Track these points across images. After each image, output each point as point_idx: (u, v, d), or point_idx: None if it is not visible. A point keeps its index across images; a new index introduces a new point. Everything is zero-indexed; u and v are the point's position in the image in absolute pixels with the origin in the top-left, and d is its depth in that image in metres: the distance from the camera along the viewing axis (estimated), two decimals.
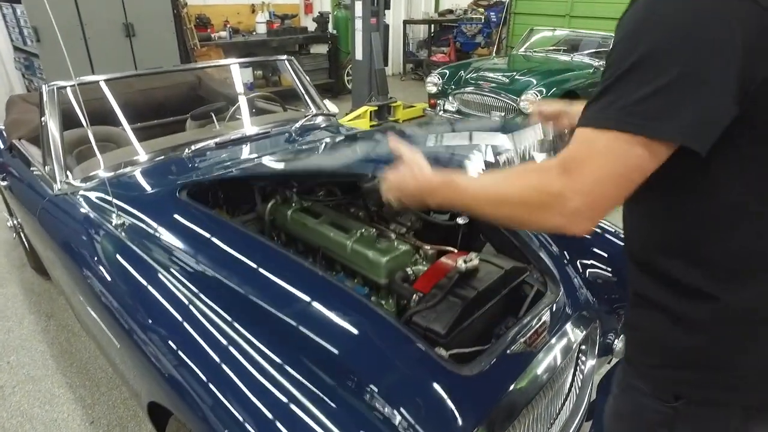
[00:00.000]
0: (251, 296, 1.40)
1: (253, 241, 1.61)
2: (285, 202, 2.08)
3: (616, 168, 0.75)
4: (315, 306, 1.39)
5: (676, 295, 0.89)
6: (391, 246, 1.75)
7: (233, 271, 1.48)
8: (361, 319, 1.39)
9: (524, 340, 1.45)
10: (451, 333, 1.40)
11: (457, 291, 1.49)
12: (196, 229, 1.68)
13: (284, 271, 1.49)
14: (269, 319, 1.34)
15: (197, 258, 1.53)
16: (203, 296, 1.40)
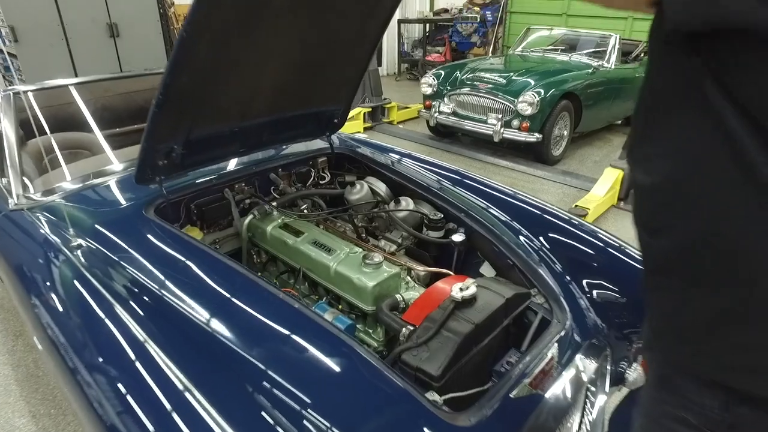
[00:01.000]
0: (217, 334, 1.22)
1: (223, 268, 1.43)
2: (264, 217, 1.90)
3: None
4: (287, 346, 1.22)
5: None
6: (379, 268, 1.57)
7: (198, 305, 1.30)
8: (341, 359, 1.21)
9: (529, 381, 1.28)
10: (445, 374, 1.23)
11: (453, 324, 1.31)
12: (160, 254, 1.50)
13: (256, 304, 1.31)
14: (234, 362, 1.16)
15: (159, 289, 1.35)
16: (161, 335, 1.23)
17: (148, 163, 1.60)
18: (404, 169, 2.19)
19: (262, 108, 1.80)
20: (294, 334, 1.24)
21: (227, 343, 1.19)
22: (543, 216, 2.05)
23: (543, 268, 1.71)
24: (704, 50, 0.63)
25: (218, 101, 1.62)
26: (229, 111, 1.70)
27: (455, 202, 1.94)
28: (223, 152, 1.87)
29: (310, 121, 2.13)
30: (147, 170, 1.62)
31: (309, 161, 2.25)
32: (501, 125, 5.35)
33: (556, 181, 5.20)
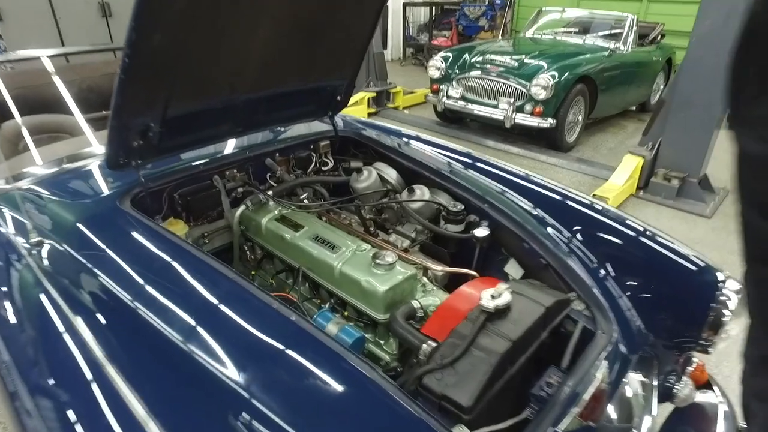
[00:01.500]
0: (195, 354, 0.99)
1: (208, 272, 1.19)
2: (259, 207, 1.66)
3: None
4: (281, 370, 0.99)
5: None
6: (392, 269, 1.33)
7: (175, 318, 1.06)
8: (347, 386, 0.98)
9: (579, 412, 1.04)
10: (478, 404, 0.99)
11: (485, 341, 1.08)
12: (134, 254, 1.26)
13: (245, 316, 1.08)
14: (215, 389, 0.93)
15: (129, 298, 1.12)
16: (126, 354, 1.00)
17: (121, 144, 1.36)
18: (417, 154, 1.95)
19: (254, 80, 1.55)
20: (290, 354, 1.01)
21: (207, 364, 0.96)
22: (566, 203, 1.81)
23: (580, 268, 1.48)
24: None
25: (200, 69, 1.37)
26: (215, 81, 1.45)
27: (477, 191, 1.69)
28: (210, 133, 1.62)
29: (310, 98, 1.87)
30: (119, 153, 1.37)
31: (310, 145, 2.00)
32: (513, 110, 5.08)
33: (571, 168, 4.94)
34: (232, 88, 1.52)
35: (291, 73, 1.68)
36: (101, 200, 1.48)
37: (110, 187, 1.54)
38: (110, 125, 1.27)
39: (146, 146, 1.40)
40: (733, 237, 2.85)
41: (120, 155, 1.37)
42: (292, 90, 1.75)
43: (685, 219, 3.97)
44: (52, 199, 1.52)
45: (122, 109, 1.25)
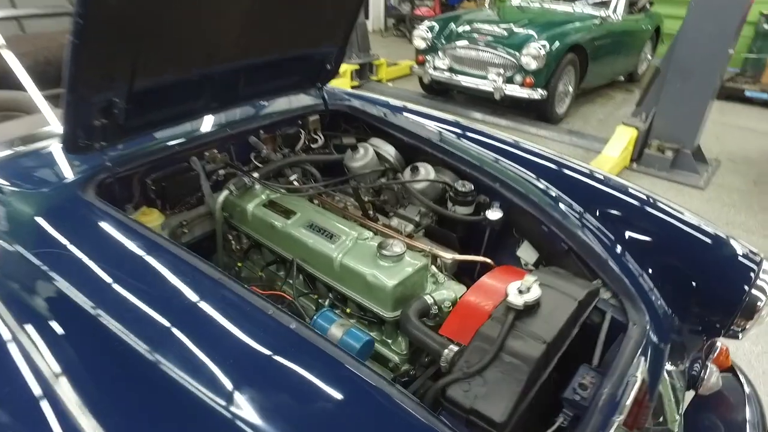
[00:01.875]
0: (171, 371, 0.82)
1: (187, 271, 1.01)
2: (244, 192, 1.48)
3: None
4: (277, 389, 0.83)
5: None
6: (400, 261, 1.18)
7: (146, 328, 0.90)
8: (359, 406, 0.83)
9: (622, 420, 0.92)
10: (512, 419, 0.86)
11: (516, 344, 0.93)
12: (99, 253, 1.08)
13: (234, 322, 0.91)
14: (199, 414, 0.77)
15: (92, 305, 0.94)
16: (85, 369, 0.85)
17: (80, 124, 1.16)
18: (416, 128, 1.77)
19: (234, 47, 1.35)
20: (288, 368, 0.85)
21: (187, 383, 0.80)
22: (571, 175, 1.67)
23: (602, 250, 1.34)
24: None
25: (172, 33, 1.16)
26: (190, 49, 1.25)
27: (486, 168, 1.53)
28: (185, 109, 1.42)
29: (296, 67, 1.67)
30: (79, 133, 1.17)
31: (298, 120, 1.80)
32: (502, 81, 4.91)
33: (562, 141, 4.82)
34: (210, 57, 1.31)
35: (276, 39, 1.48)
36: (60, 189, 1.28)
37: (72, 173, 1.33)
38: (66, 101, 1.07)
39: (111, 125, 1.20)
40: (728, 209, 2.81)
41: (80, 136, 1.16)
42: (277, 59, 1.55)
43: (680, 191, 3.90)
44: (1, 188, 1.31)
45: (78, 82, 1.05)
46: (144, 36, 1.10)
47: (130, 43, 1.09)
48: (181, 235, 1.51)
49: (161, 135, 1.46)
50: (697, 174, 4.02)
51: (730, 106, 6.02)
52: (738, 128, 5.36)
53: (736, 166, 4.38)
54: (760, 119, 5.71)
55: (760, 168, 4.35)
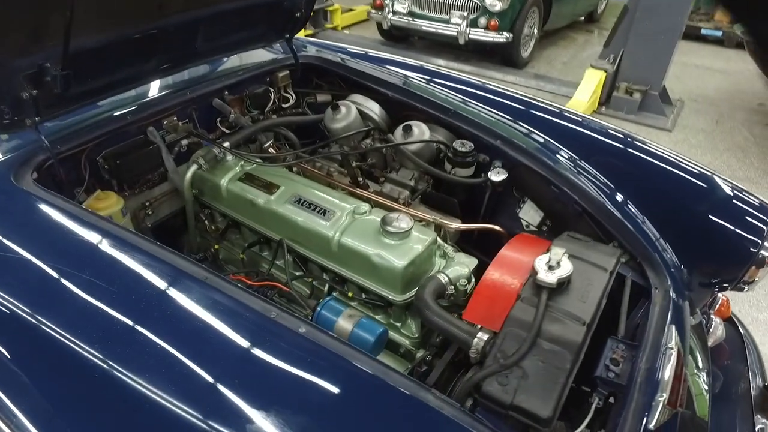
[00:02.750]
0: (135, 382, 0.68)
1: (161, 267, 0.84)
2: (215, 164, 1.29)
3: None
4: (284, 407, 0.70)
5: None
6: (407, 237, 1.04)
7: (93, 327, 0.74)
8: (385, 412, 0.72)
9: (666, 400, 0.85)
10: (558, 412, 0.77)
11: (554, 329, 0.84)
12: (45, 249, 0.88)
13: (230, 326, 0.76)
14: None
15: (36, 315, 0.77)
16: (35, 386, 0.69)
17: (3, 97, 0.93)
18: (400, 81, 1.59)
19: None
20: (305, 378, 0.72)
21: (184, 412, 0.66)
22: (550, 119, 1.56)
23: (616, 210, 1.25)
24: None
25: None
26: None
27: (485, 124, 1.39)
28: (135, 71, 1.19)
29: (262, 16, 1.45)
30: (3, 109, 0.95)
31: (265, 77, 1.59)
32: (466, 24, 4.68)
33: (529, 86, 4.71)
34: (161, 7, 1.08)
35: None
36: None
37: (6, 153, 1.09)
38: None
39: (44, 96, 0.98)
40: (695, 150, 2.76)
41: (5, 112, 0.94)
42: (240, 6, 1.32)
43: (649, 134, 3.90)
44: None
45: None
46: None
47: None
48: (145, 218, 1.32)
49: (108, 103, 1.23)
50: (664, 116, 4.03)
51: (686, 44, 6.04)
52: (695, 67, 5.41)
53: (698, 105, 4.42)
54: (714, 57, 5.77)
55: (720, 107, 4.41)
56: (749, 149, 3.70)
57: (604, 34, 5.19)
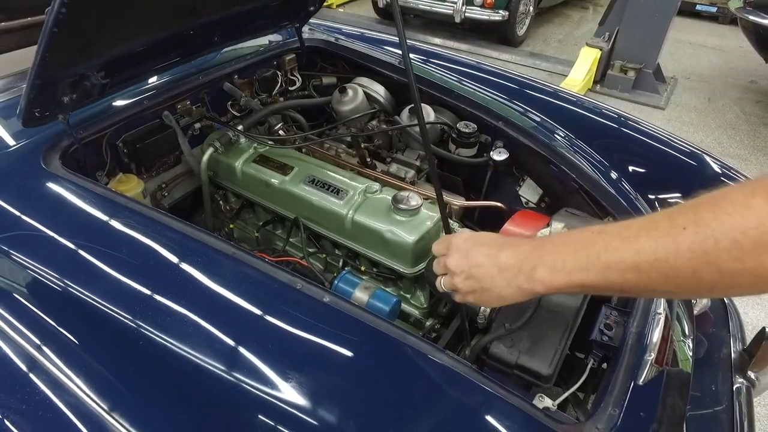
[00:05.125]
0: (166, 342, 0.76)
1: (174, 238, 0.91)
2: (229, 147, 1.34)
3: None
4: (312, 366, 0.77)
5: None
6: (417, 214, 1.11)
7: (136, 301, 0.81)
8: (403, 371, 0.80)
9: (653, 358, 0.94)
10: (557, 370, 0.86)
11: (554, 296, 0.92)
12: (75, 225, 0.95)
13: (260, 299, 0.83)
14: (201, 389, 0.73)
15: (70, 278, 0.84)
16: (73, 340, 0.78)
17: (43, 103, 1.00)
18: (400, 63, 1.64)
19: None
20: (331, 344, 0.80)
21: (188, 357, 0.74)
22: (546, 98, 1.62)
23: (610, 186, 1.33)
24: None
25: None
26: (176, 6, 1.09)
27: (487, 106, 1.45)
28: (159, 63, 1.25)
29: (278, 8, 1.48)
30: (43, 111, 1.01)
31: (273, 61, 1.63)
32: (462, 2, 4.68)
33: (525, 64, 4.74)
34: (193, 13, 1.14)
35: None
36: (16, 161, 1.10)
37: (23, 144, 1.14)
38: (31, 84, 0.91)
39: (80, 97, 1.05)
40: (687, 128, 2.87)
41: (43, 112, 1.01)
42: (260, 3, 1.37)
43: (642, 112, 3.97)
44: None
45: (50, 63, 0.90)
46: (127, 6, 0.94)
47: (111, 18, 0.94)
48: (161, 199, 1.38)
49: (126, 90, 1.28)
50: (658, 94, 4.09)
51: (681, 21, 6.06)
52: (689, 44, 5.44)
53: (691, 83, 4.48)
54: (709, 33, 5.80)
55: (713, 85, 4.47)
56: (740, 126, 3.77)
57: (599, 11, 5.21)
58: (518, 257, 0.62)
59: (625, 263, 0.52)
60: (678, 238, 0.48)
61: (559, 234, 0.67)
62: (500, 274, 0.63)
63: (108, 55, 1.05)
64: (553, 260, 0.58)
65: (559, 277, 0.58)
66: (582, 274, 0.56)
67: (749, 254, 0.44)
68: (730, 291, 0.51)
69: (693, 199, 0.50)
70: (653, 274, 0.50)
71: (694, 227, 0.47)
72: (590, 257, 0.55)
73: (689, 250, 0.47)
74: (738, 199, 0.46)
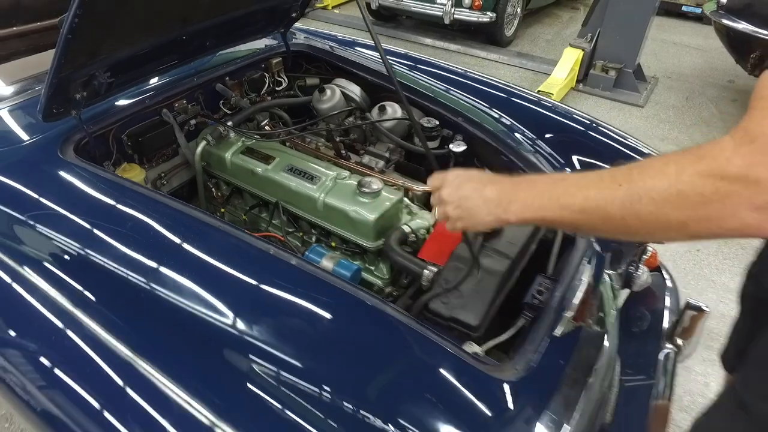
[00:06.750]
0: (169, 297, 0.95)
1: (173, 216, 1.11)
2: (219, 140, 1.53)
3: None
4: (285, 314, 0.97)
5: None
6: (378, 197, 1.30)
7: (143, 263, 1.00)
8: (356, 320, 0.99)
9: (571, 315, 1.12)
10: (484, 322, 1.05)
11: (486, 262, 1.11)
12: (88, 204, 1.14)
13: (221, 256, 1.02)
14: (197, 328, 0.92)
15: (91, 248, 1.03)
16: (95, 299, 0.96)
17: (59, 100, 1.19)
18: (378, 66, 1.83)
19: (207, 9, 1.38)
20: (287, 294, 0.98)
21: (187, 307, 0.93)
22: (522, 103, 1.83)
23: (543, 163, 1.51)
24: None
25: (152, 7, 1.20)
26: (168, 16, 1.29)
27: (449, 104, 1.64)
28: (157, 66, 1.44)
29: (264, 16, 1.68)
30: (59, 107, 1.20)
31: (261, 64, 1.82)
32: (451, 4, 4.86)
33: (512, 64, 4.92)
34: (185, 21, 1.33)
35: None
36: (36, 151, 1.29)
37: (42, 136, 1.33)
38: (50, 83, 1.10)
39: (90, 95, 1.24)
40: (663, 125, 3.11)
41: (59, 109, 1.21)
42: (247, 12, 1.56)
43: (622, 109, 4.15)
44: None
45: (65, 66, 1.09)
46: (128, 15, 1.13)
47: (116, 26, 1.13)
48: (161, 187, 1.57)
49: (130, 90, 1.47)
50: (638, 92, 4.26)
51: (667, 21, 6.23)
52: (674, 44, 5.61)
53: (671, 82, 4.65)
54: (693, 34, 5.96)
55: (692, 84, 4.64)
56: (714, 124, 3.95)
57: None
58: (498, 193, 0.78)
59: (576, 206, 0.68)
60: (615, 192, 0.63)
61: (531, 177, 0.82)
62: (484, 205, 0.80)
63: (113, 58, 1.24)
64: (524, 198, 0.75)
65: (527, 212, 0.74)
66: (544, 211, 0.72)
67: (660, 208, 0.58)
68: (648, 236, 0.66)
69: (633, 162, 0.67)
70: (595, 217, 0.66)
71: (627, 185, 0.62)
72: (552, 198, 0.71)
73: (621, 201, 0.62)
74: (658, 166, 0.60)
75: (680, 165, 0.57)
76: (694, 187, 0.54)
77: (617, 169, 0.66)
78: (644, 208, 0.60)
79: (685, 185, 0.55)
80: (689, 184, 0.54)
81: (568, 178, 0.72)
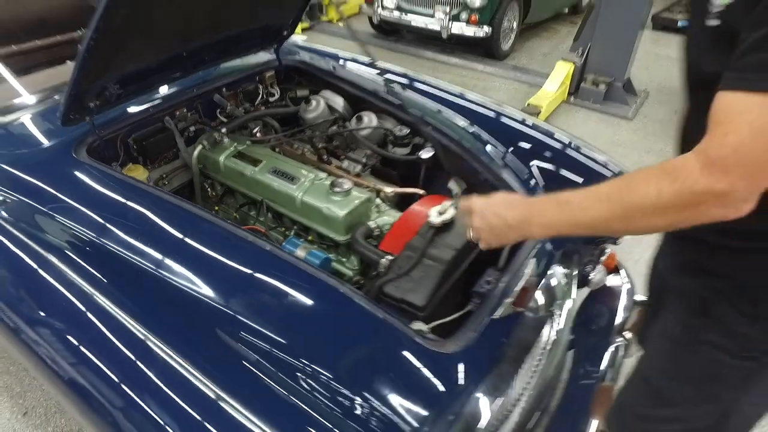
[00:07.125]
0: (169, 279, 1.14)
1: (178, 212, 1.30)
2: (214, 145, 1.72)
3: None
4: (257, 289, 1.15)
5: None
6: (348, 195, 1.48)
7: (150, 252, 1.19)
8: (320, 298, 1.16)
9: (511, 300, 1.28)
10: (430, 304, 1.21)
11: (434, 252, 1.27)
12: (99, 198, 1.34)
13: (218, 247, 1.21)
14: (192, 306, 1.10)
15: (101, 236, 1.22)
16: (107, 281, 1.15)
17: (76, 108, 1.40)
18: (361, 80, 2.02)
19: (204, 28, 1.61)
20: (265, 276, 1.17)
21: (184, 288, 1.12)
22: (501, 119, 2.01)
23: (513, 179, 1.68)
24: None
25: (159, 26, 1.43)
26: (172, 36, 1.52)
27: (421, 114, 1.82)
28: (161, 79, 1.65)
29: (257, 34, 1.90)
30: (76, 114, 1.41)
31: (255, 77, 2.02)
32: (448, 19, 5.06)
33: (507, 77, 5.09)
34: (185, 39, 1.55)
35: (241, 17, 1.73)
36: (55, 153, 1.49)
37: (59, 139, 1.53)
38: (68, 93, 1.30)
39: (102, 103, 1.46)
40: (650, 137, 3.27)
41: (76, 116, 1.42)
42: (241, 31, 1.78)
43: (610, 123, 4.29)
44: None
45: (82, 79, 1.29)
46: (140, 35, 1.36)
47: (128, 44, 1.34)
48: (162, 186, 1.76)
49: (137, 99, 1.67)
50: (627, 105, 4.40)
51: (663, 36, 6.38)
52: (667, 58, 5.74)
53: (661, 96, 4.78)
54: None
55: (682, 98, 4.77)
56: None
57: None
58: (519, 217, 0.95)
59: (584, 224, 0.86)
60: (614, 210, 0.80)
61: (542, 199, 0.98)
62: (509, 229, 0.98)
63: (123, 72, 1.45)
64: (541, 220, 0.92)
65: (546, 231, 0.93)
66: (560, 228, 0.90)
67: (650, 217, 0.75)
68: (644, 233, 0.84)
69: (623, 177, 0.84)
70: (601, 228, 0.87)
71: (621, 205, 0.80)
72: (564, 219, 0.88)
73: (619, 217, 0.80)
74: (642, 188, 0.76)
75: (659, 186, 0.74)
76: (674, 202, 0.72)
77: (611, 184, 0.83)
78: (639, 220, 0.78)
79: (666, 202, 0.73)
80: (669, 201, 0.73)
81: (571, 201, 0.88)
